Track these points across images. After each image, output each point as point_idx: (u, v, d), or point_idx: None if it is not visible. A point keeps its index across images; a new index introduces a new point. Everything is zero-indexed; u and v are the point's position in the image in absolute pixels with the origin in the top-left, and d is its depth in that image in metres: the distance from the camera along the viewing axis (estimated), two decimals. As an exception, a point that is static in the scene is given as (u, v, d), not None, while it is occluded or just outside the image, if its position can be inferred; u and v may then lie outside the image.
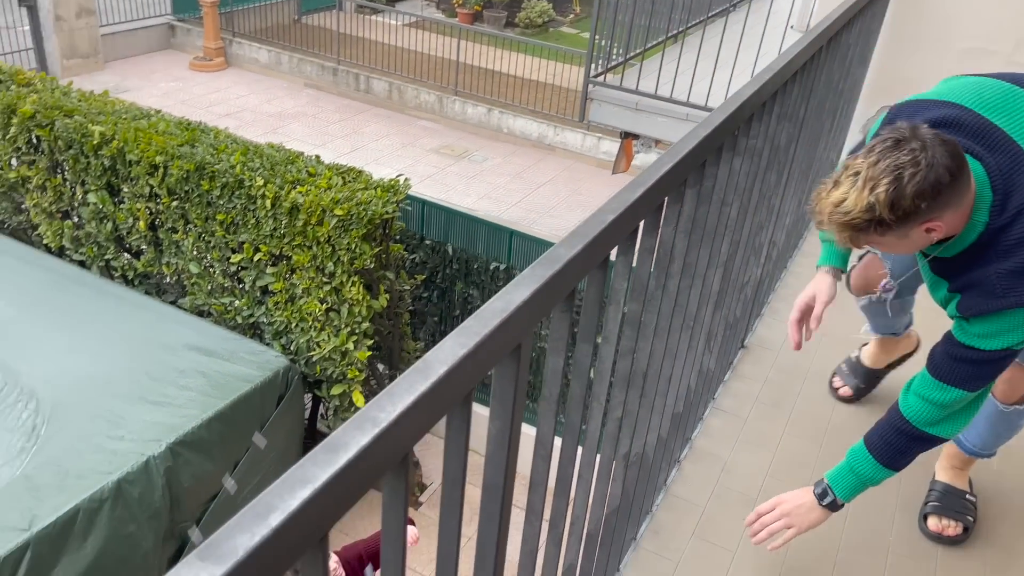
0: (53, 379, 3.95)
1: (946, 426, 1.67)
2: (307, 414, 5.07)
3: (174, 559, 3.69)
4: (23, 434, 3.70)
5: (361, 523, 4.66)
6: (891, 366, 2.45)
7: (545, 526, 1.28)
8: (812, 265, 2.06)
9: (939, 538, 2.02)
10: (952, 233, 1.52)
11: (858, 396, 2.46)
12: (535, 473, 1.18)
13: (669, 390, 1.79)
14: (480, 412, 4.04)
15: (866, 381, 2.45)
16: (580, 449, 1.31)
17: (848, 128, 3.59)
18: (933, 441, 1.68)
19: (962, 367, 1.59)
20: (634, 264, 1.26)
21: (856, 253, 2.10)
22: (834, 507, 1.77)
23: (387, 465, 0.75)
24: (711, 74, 4.65)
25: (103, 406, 3.82)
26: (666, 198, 1.31)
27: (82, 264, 5.07)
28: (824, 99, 2.56)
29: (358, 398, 4.39)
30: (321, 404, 5.18)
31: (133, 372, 4.05)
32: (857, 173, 1.42)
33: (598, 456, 1.44)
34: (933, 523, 2.04)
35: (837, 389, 2.49)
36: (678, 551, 1.93)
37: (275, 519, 0.59)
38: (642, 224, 1.23)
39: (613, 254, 1.17)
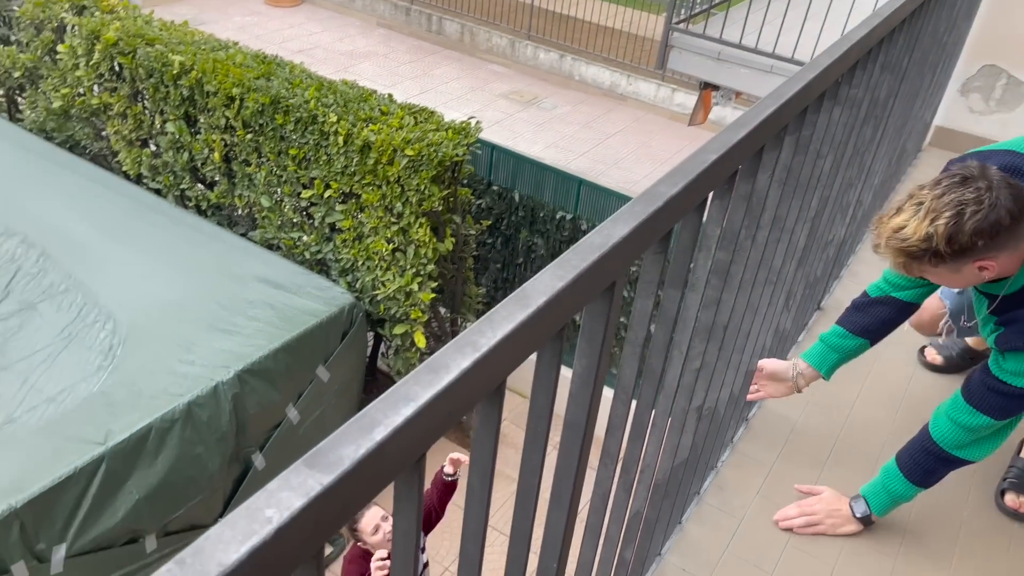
0: (129, 302, 4.08)
1: (974, 450, 1.70)
2: (368, 352, 5.15)
3: (238, 482, 3.83)
4: (100, 353, 3.84)
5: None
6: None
7: (618, 471, 1.27)
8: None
9: (1015, 515, 1.96)
10: (1005, 274, 1.54)
11: (947, 368, 2.38)
12: (614, 416, 1.17)
13: (746, 346, 1.75)
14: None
15: (962, 358, 2.38)
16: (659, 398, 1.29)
17: (946, 86, 3.41)
18: (960, 463, 1.72)
19: (993, 397, 1.62)
20: (727, 211, 1.21)
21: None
22: (868, 522, 1.84)
23: (483, 391, 0.74)
24: (800, 25, 4.46)
25: (175, 331, 3.94)
26: (765, 143, 1.25)
27: (158, 192, 5.19)
28: (928, 52, 2.43)
29: (420, 339, 4.44)
30: (382, 343, 5.25)
31: (204, 300, 4.15)
32: (921, 203, 1.45)
33: (672, 406, 1.41)
34: (1010, 499, 1.98)
35: (927, 356, 2.43)
36: (742, 508, 1.91)
37: (379, 433, 0.58)
38: (740, 168, 1.18)
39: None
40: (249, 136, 4.54)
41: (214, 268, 4.39)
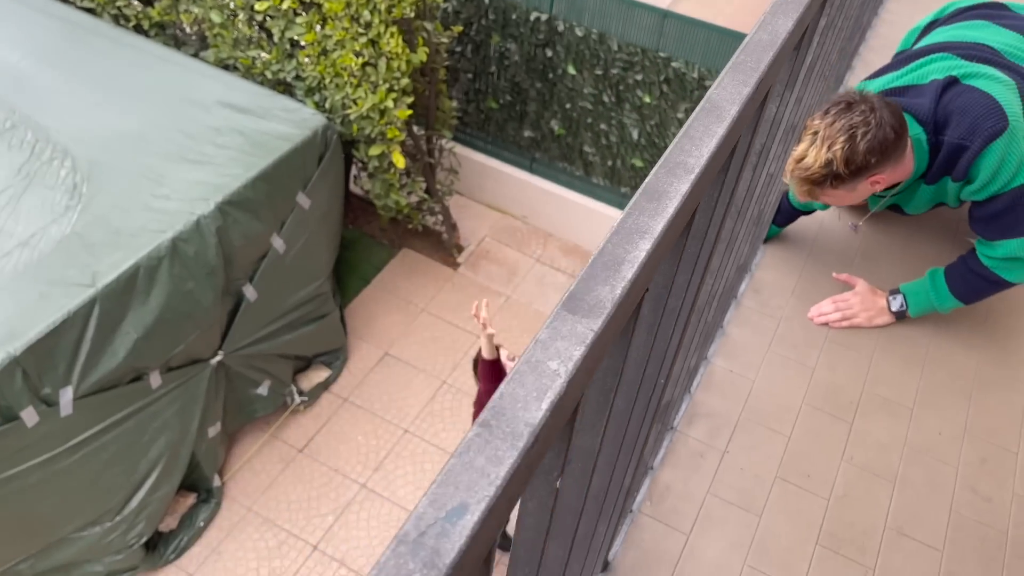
0: (84, 136, 3.83)
1: (1019, 272, 1.77)
2: (340, 174, 4.98)
3: (233, 314, 3.79)
4: (65, 192, 3.64)
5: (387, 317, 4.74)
6: None
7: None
8: None
9: None
10: (894, 182, 1.74)
11: None
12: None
13: (790, 142, 1.70)
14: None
15: None
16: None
17: None
18: (1006, 286, 1.80)
19: (1007, 217, 1.70)
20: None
21: None
22: (902, 316, 1.93)
23: (690, 214, 0.68)
24: None
25: (141, 164, 3.73)
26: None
27: (91, 12, 4.73)
28: None
29: (398, 159, 4.29)
30: (353, 166, 5.08)
31: (166, 129, 3.91)
32: (816, 132, 1.59)
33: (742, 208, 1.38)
34: None
35: None
36: (779, 308, 1.95)
37: (627, 270, 0.53)
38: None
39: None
40: (188, -58, 4.09)
41: (170, 94, 4.10)
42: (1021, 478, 1.60)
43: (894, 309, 1.89)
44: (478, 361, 3.13)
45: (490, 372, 3.01)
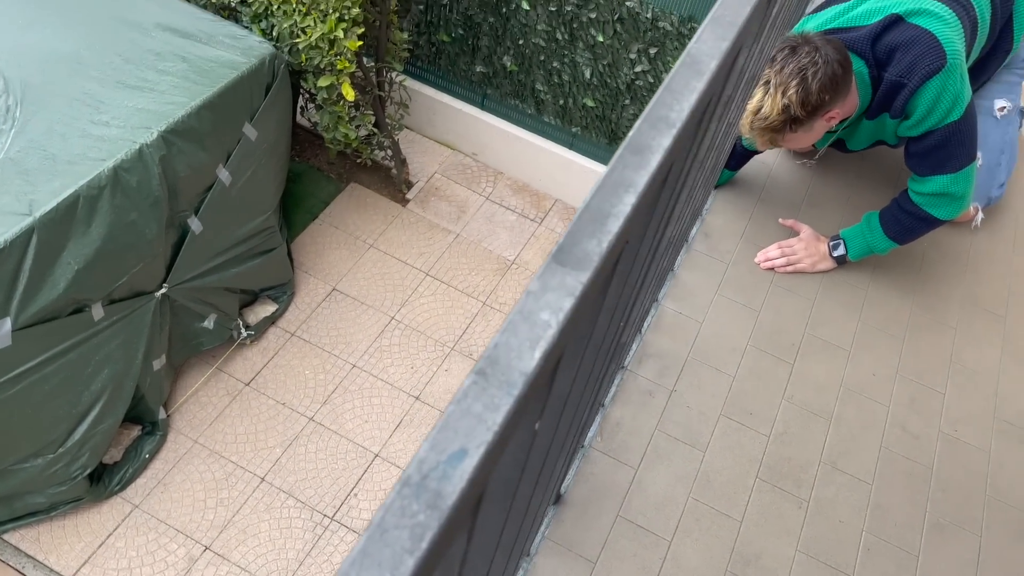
0: (14, 57, 3.65)
1: (946, 209, 1.84)
2: (286, 105, 4.85)
3: (177, 246, 3.71)
4: (-3, 115, 3.48)
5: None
6: None
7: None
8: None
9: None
10: (847, 115, 1.80)
11: None
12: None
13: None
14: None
15: None
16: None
17: None
18: (936, 223, 1.88)
19: (939, 152, 1.77)
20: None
21: None
22: (842, 261, 2.01)
23: (670, 161, 0.70)
24: None
25: (78, 88, 3.58)
26: None
27: (18, -78, 4.44)
28: None
29: (348, 91, 4.20)
30: (300, 97, 4.95)
31: (103, 53, 3.75)
32: (767, 82, 1.65)
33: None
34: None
35: None
36: (728, 252, 2.01)
37: (612, 225, 0.56)
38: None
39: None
40: None
41: (105, 15, 3.92)
42: (946, 417, 1.72)
43: (835, 255, 1.97)
44: None
45: None
